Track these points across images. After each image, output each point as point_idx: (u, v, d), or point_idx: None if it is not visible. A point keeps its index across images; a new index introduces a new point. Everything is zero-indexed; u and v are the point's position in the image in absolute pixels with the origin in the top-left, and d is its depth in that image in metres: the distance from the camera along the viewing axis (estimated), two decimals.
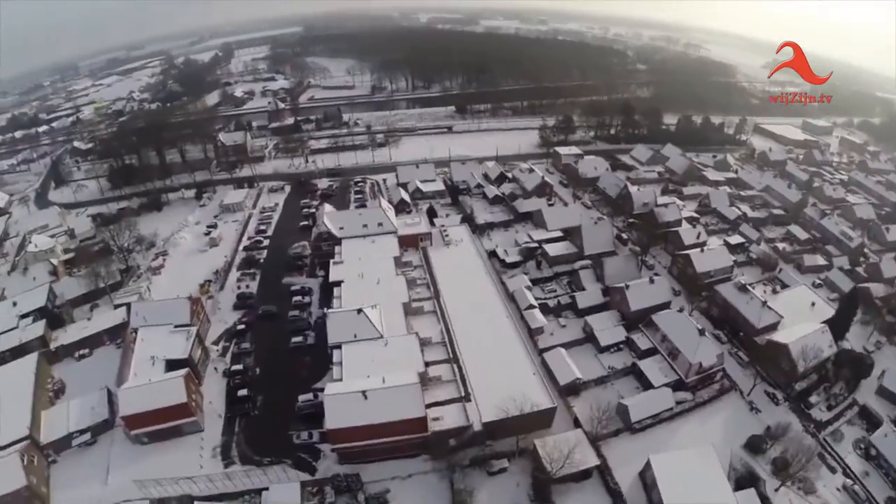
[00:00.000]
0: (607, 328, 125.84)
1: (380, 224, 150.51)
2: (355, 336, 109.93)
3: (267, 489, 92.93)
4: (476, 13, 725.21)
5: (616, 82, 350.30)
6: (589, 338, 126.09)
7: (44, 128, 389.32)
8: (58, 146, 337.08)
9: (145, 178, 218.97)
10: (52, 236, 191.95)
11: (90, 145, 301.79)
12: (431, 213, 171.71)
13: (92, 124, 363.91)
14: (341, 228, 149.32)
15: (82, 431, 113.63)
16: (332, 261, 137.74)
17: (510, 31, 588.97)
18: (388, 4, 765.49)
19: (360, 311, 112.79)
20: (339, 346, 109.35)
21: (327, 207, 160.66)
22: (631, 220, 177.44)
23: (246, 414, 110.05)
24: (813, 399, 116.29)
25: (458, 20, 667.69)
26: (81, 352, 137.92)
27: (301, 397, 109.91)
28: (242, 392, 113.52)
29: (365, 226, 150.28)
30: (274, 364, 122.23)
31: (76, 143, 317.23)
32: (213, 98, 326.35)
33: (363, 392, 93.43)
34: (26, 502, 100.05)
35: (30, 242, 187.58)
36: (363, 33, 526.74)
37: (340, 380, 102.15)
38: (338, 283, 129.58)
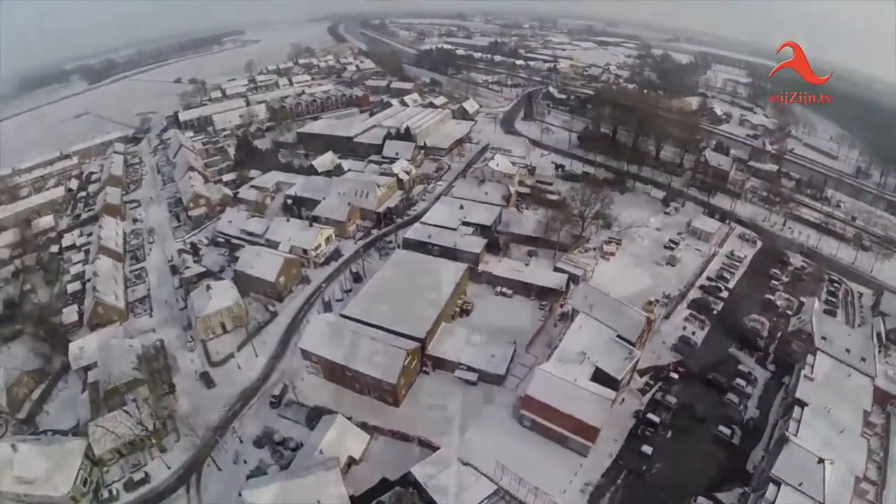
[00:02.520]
0: None
1: (863, 359, 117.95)
2: (799, 485, 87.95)
3: None
4: None
5: None
6: None
7: (521, 62, 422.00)
8: (530, 84, 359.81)
9: (617, 154, 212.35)
10: (514, 164, 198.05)
11: (563, 96, 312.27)
12: None
13: (567, 78, 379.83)
14: (823, 339, 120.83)
15: (471, 369, 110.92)
16: (803, 372, 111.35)
17: None
18: None
19: (821, 460, 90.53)
20: (779, 483, 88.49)
21: (817, 305, 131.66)
22: None
23: (638, 474, 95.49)
24: None
25: None
26: (503, 290, 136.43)
27: (700, 499, 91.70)
28: (646, 449, 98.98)
29: (848, 351, 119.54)
30: (688, 440, 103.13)
31: (551, 89, 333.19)
32: (691, 103, 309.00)
33: None
34: (385, 394, 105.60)
35: (492, 158, 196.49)
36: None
37: None
38: (802, 404, 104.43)
